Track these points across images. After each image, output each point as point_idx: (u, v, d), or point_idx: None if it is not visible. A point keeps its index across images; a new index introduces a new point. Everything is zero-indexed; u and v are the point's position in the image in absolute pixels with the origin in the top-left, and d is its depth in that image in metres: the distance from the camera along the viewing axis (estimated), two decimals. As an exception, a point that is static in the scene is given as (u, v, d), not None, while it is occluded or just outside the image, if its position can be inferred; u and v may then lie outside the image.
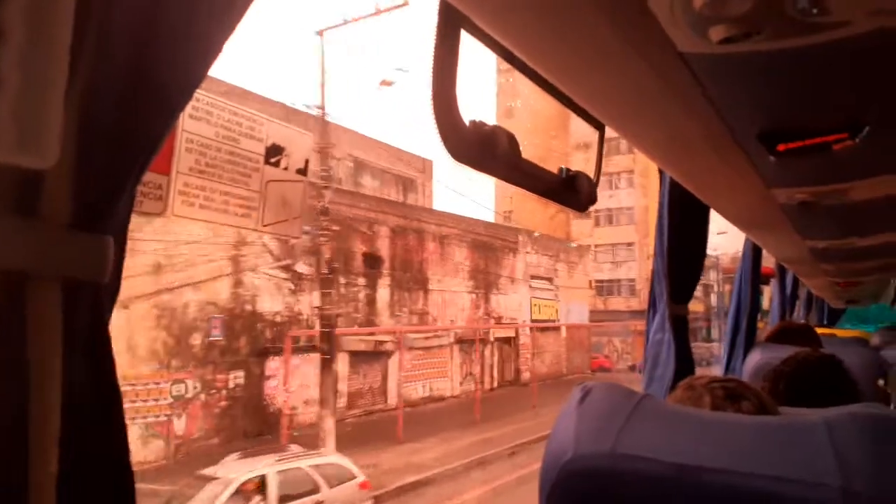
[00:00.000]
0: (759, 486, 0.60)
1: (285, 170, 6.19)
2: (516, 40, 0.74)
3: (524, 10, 0.67)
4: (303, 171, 6.39)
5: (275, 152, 6.05)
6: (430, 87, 0.71)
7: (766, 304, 5.38)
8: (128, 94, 0.43)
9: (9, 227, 0.39)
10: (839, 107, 0.95)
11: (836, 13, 0.64)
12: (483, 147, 0.77)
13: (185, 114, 5.02)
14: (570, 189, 1.02)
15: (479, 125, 0.77)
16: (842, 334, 3.34)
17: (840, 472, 0.58)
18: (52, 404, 0.40)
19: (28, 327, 0.39)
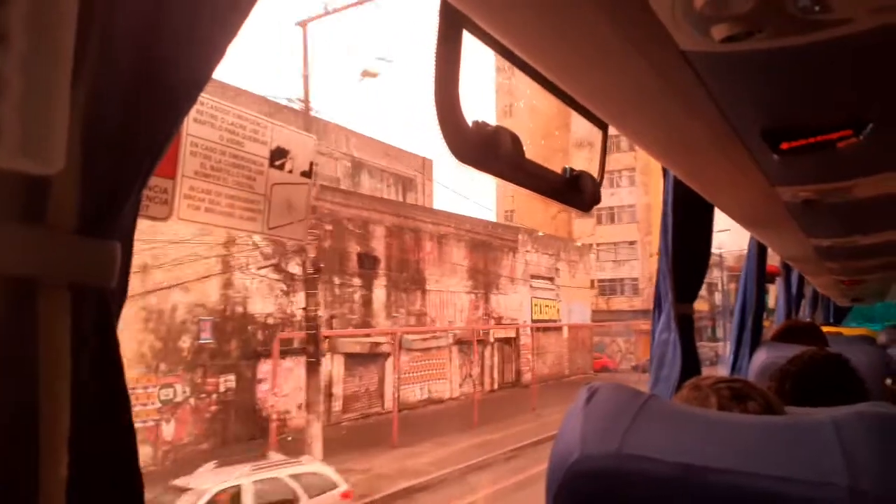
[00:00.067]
0: (766, 487, 0.60)
1: (290, 172, 6.21)
2: (518, 40, 0.75)
3: (525, 10, 0.67)
4: (307, 174, 6.40)
5: (279, 155, 6.06)
6: (433, 88, 0.71)
7: (771, 303, 5.37)
8: (132, 98, 0.43)
9: (17, 234, 0.39)
10: (842, 104, 0.95)
11: (838, 11, 0.64)
12: (486, 147, 0.78)
13: (190, 117, 5.03)
14: (573, 189, 1.02)
15: (482, 125, 0.77)
16: (848, 332, 3.33)
17: (847, 471, 0.58)
18: (61, 408, 0.40)
19: (37, 332, 0.40)
